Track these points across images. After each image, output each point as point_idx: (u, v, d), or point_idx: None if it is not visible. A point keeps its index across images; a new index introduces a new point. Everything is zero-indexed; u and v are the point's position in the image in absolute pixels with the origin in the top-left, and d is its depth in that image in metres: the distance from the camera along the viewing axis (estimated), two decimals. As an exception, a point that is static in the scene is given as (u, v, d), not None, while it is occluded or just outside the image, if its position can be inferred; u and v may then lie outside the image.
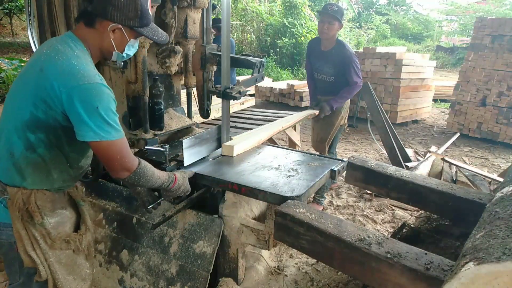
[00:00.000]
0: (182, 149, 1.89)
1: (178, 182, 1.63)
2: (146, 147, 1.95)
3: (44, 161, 1.35)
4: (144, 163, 1.44)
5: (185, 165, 1.94)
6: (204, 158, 2.09)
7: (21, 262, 1.43)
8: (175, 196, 1.70)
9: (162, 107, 2.11)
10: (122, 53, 1.43)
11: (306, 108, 6.70)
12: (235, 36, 13.49)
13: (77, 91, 1.23)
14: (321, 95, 3.42)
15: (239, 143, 2.20)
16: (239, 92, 2.06)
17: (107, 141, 1.28)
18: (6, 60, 8.65)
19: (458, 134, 6.01)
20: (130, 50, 1.46)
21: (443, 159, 3.86)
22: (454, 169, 3.77)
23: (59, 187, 1.47)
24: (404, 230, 2.06)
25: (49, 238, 1.43)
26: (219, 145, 2.18)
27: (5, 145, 1.35)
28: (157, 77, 2.11)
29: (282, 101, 8.05)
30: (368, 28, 18.91)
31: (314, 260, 2.35)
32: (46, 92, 1.25)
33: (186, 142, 1.91)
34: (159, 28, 1.48)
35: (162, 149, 1.88)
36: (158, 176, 1.52)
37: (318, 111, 3.27)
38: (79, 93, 1.23)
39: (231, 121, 2.37)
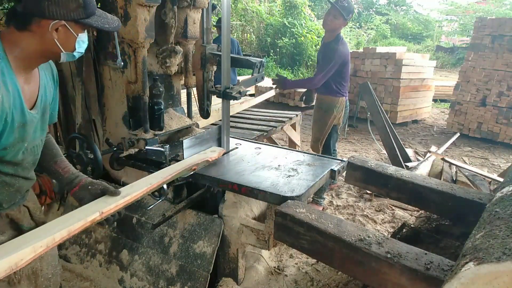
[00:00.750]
0: (183, 149, 1.90)
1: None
2: (146, 147, 1.96)
3: None
4: None
5: None
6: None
7: None
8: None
9: (162, 107, 2.11)
10: (72, 52, 1.20)
11: (306, 108, 6.69)
12: (235, 36, 13.48)
13: None
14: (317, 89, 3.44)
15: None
16: (239, 92, 2.06)
17: None
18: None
19: (458, 134, 6.00)
20: (81, 46, 1.21)
21: (443, 159, 3.86)
22: (454, 169, 3.77)
23: None
24: (404, 230, 2.06)
25: None
26: (219, 145, 2.18)
27: None
28: (157, 77, 2.11)
29: (282, 101, 8.05)
30: (368, 28, 18.90)
31: (314, 260, 2.35)
32: None
33: (186, 142, 1.91)
34: (107, 14, 1.25)
35: (162, 149, 1.88)
36: None
37: (274, 84, 3.37)
38: None
39: (231, 121, 2.37)
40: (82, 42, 1.21)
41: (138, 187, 1.42)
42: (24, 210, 1.39)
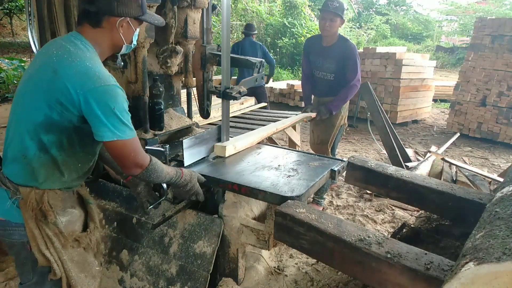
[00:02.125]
0: (183, 149, 1.90)
1: (184, 176, 1.63)
2: (146, 147, 1.96)
3: (56, 162, 1.37)
4: (155, 159, 1.47)
5: (185, 165, 1.94)
6: (204, 158, 2.09)
7: (34, 261, 1.44)
8: (187, 195, 1.72)
9: (162, 107, 2.11)
10: (130, 44, 1.47)
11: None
12: (235, 36, 13.48)
13: (94, 93, 1.26)
14: (319, 95, 3.38)
15: (232, 143, 2.19)
16: (239, 92, 2.06)
17: (122, 140, 1.32)
18: (6, 60, 8.66)
19: (458, 134, 6.01)
20: (136, 39, 1.51)
21: (443, 159, 3.86)
22: (454, 169, 3.77)
23: (68, 186, 1.49)
24: (404, 230, 2.06)
25: (62, 236, 1.45)
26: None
27: (17, 147, 1.36)
28: (157, 77, 2.11)
29: (282, 101, 8.06)
30: (368, 28, 18.91)
31: (314, 260, 2.35)
32: (62, 94, 1.27)
33: (186, 142, 1.91)
34: (153, 12, 1.54)
35: (162, 149, 1.88)
36: (167, 171, 1.54)
37: (314, 114, 3.20)
38: (96, 95, 1.26)
39: (231, 121, 2.37)
40: (137, 35, 1.51)
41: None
42: (85, 188, 1.65)
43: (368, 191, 3.50)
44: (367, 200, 3.49)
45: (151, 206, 1.77)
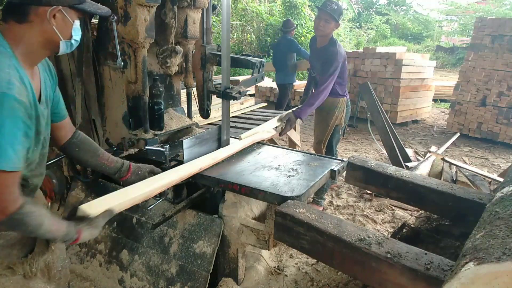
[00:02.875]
0: (183, 149, 1.90)
1: (81, 240, 1.26)
2: (146, 147, 1.96)
3: None
4: (29, 209, 1.11)
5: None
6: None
7: None
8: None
9: (162, 107, 2.11)
10: (70, 40, 1.20)
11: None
12: (235, 36, 13.47)
13: None
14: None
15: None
16: (239, 92, 2.06)
17: None
18: (6, 60, 8.63)
19: (458, 134, 6.01)
20: (77, 34, 1.23)
21: (443, 159, 3.86)
22: (454, 169, 3.77)
23: None
24: (404, 230, 2.06)
25: None
26: (219, 145, 2.18)
27: None
28: (157, 77, 2.11)
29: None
30: (368, 28, 18.90)
31: (314, 260, 2.35)
32: None
33: (186, 142, 1.91)
34: (96, 3, 1.28)
35: (162, 149, 1.88)
36: (49, 229, 1.16)
37: (282, 124, 3.06)
38: None
39: (231, 121, 2.37)
40: (77, 30, 1.22)
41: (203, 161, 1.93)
42: (43, 197, 1.49)
43: (368, 191, 3.50)
44: (367, 200, 3.49)
45: (150, 206, 1.76)
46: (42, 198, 1.56)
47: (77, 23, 1.21)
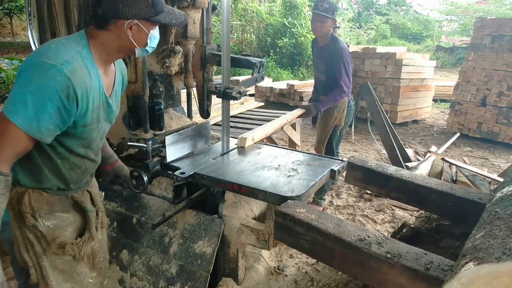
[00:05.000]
0: (165, 146, 1.91)
1: None
2: (128, 143, 1.96)
3: (32, 158, 1.26)
4: (5, 180, 1.13)
5: (167, 160, 1.94)
6: (204, 158, 2.09)
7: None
8: None
9: (162, 107, 2.11)
10: (145, 47, 1.33)
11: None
12: (235, 36, 13.48)
13: (28, 66, 1.12)
14: (319, 96, 3.42)
15: (250, 136, 2.37)
16: (239, 92, 2.06)
17: (1, 114, 1.10)
18: (6, 60, 8.66)
19: (458, 134, 6.01)
20: (153, 41, 1.35)
21: (443, 159, 3.86)
22: (454, 169, 3.77)
23: (58, 189, 1.37)
24: (404, 230, 2.06)
25: (43, 241, 1.34)
26: (205, 142, 2.20)
27: None
28: (157, 77, 2.11)
29: (282, 101, 8.04)
30: (368, 28, 18.91)
31: (314, 260, 2.35)
32: None
33: (169, 138, 1.92)
34: (174, 9, 1.37)
35: (144, 145, 1.88)
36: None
37: (304, 111, 3.24)
38: (29, 68, 1.12)
39: (231, 121, 2.37)
40: (153, 38, 1.34)
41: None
42: (86, 194, 1.51)
43: (368, 191, 3.50)
44: (367, 200, 3.49)
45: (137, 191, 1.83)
46: (97, 187, 1.64)
47: (153, 32, 1.33)
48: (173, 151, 1.98)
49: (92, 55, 1.24)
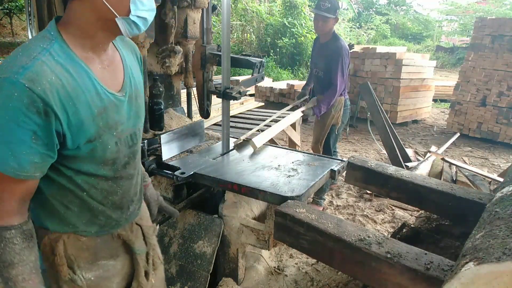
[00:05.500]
0: (160, 144, 1.91)
1: None
2: None
3: (50, 199, 1.01)
4: (13, 237, 0.91)
5: (163, 159, 1.94)
6: (204, 158, 2.09)
7: None
8: None
9: (162, 107, 2.12)
10: (128, 16, 0.93)
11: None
12: (235, 36, 13.48)
13: None
14: (316, 92, 3.45)
15: (258, 138, 2.37)
16: (239, 92, 2.06)
17: None
18: (6, 60, 8.64)
19: (458, 134, 6.01)
20: (138, 7, 0.94)
21: (443, 159, 3.86)
22: (454, 169, 3.77)
23: (99, 228, 1.09)
24: (404, 230, 2.06)
25: None
26: (200, 140, 2.20)
27: None
28: (157, 77, 2.11)
29: (282, 101, 8.05)
30: (368, 28, 18.90)
31: (314, 260, 2.35)
32: None
33: (164, 137, 1.93)
34: None
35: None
36: (18, 280, 0.91)
37: (304, 110, 3.27)
38: None
39: (231, 121, 2.37)
40: (139, 3, 0.94)
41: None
42: (136, 229, 1.21)
43: (368, 191, 3.50)
44: (367, 200, 3.49)
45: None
46: (148, 218, 1.34)
47: None
48: (168, 150, 1.99)
49: (70, 47, 0.92)
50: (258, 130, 2.71)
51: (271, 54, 12.47)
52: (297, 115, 3.25)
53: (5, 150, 0.84)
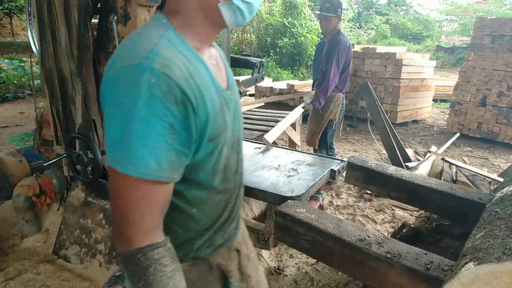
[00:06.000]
0: None
1: None
2: None
3: None
4: (161, 256, 0.75)
5: None
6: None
7: None
8: None
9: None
10: (232, 1, 0.82)
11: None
12: (235, 36, 13.48)
13: (107, 84, 0.74)
14: (321, 83, 3.51)
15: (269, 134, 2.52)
16: (239, 92, 2.06)
17: (112, 169, 0.72)
18: (6, 60, 8.67)
19: (458, 134, 6.01)
20: None
21: (443, 159, 3.86)
22: (454, 169, 3.77)
23: (196, 253, 0.92)
24: (404, 230, 2.06)
25: None
26: None
27: None
28: (157, 77, 2.11)
29: (282, 101, 8.05)
30: (368, 28, 18.92)
31: (314, 260, 2.35)
32: None
33: None
34: None
35: None
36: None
37: (304, 106, 3.44)
38: (109, 86, 0.73)
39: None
40: None
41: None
42: (234, 255, 1.01)
43: (368, 191, 3.50)
44: (367, 200, 3.49)
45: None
46: (248, 243, 1.14)
47: None
48: None
49: (183, 37, 0.81)
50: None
51: (271, 54, 12.47)
52: (299, 110, 3.40)
53: (143, 149, 0.69)
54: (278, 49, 12.45)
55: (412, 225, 2.14)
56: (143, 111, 0.68)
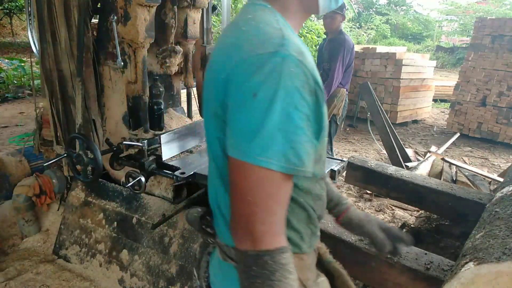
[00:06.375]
0: (160, 144, 1.91)
1: None
2: (123, 142, 1.96)
3: None
4: (288, 261, 0.68)
5: (163, 159, 1.94)
6: (204, 158, 2.09)
7: None
8: None
9: (162, 107, 2.12)
10: None
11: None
12: (235, 36, 13.46)
13: (238, 69, 0.68)
14: (324, 80, 3.58)
15: None
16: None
17: (245, 164, 0.66)
18: (6, 60, 8.67)
19: (458, 134, 6.01)
20: None
21: (443, 159, 3.86)
22: (454, 169, 3.77)
23: (310, 243, 0.91)
24: (404, 230, 2.06)
25: None
26: (200, 140, 2.22)
27: (211, 193, 0.97)
28: (157, 77, 2.11)
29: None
30: (368, 28, 18.92)
31: (314, 260, 2.35)
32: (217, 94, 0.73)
33: (164, 137, 1.92)
34: None
35: (140, 144, 1.88)
36: None
37: None
38: (240, 71, 0.68)
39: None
40: None
41: None
42: (314, 257, 0.98)
43: (368, 191, 3.50)
44: (367, 200, 3.48)
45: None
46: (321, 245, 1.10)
47: None
48: (168, 150, 1.98)
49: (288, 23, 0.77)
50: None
51: (271, 54, 12.47)
52: None
53: (283, 142, 0.65)
54: (278, 49, 12.44)
55: (412, 225, 2.14)
56: (284, 102, 0.64)
